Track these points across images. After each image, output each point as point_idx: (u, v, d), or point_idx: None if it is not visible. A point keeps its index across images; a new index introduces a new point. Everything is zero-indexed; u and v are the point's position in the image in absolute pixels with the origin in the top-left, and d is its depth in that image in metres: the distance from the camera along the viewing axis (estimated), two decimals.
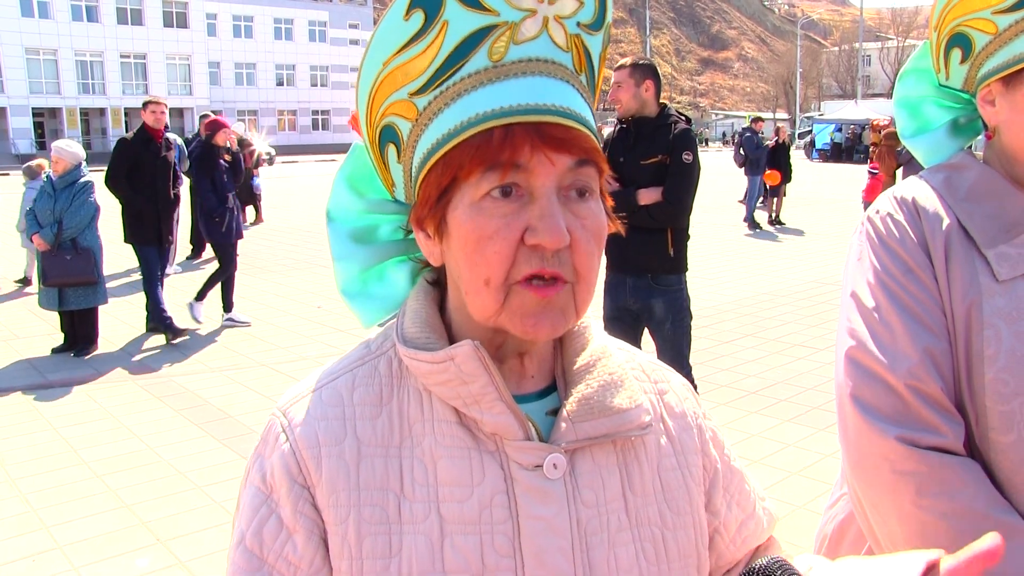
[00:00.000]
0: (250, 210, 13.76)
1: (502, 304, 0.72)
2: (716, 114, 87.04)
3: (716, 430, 0.93)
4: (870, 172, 11.66)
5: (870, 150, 13.42)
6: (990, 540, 0.67)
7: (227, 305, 7.59)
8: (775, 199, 14.67)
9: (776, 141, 14.42)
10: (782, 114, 72.40)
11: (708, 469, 0.89)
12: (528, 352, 0.81)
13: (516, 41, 0.71)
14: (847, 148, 37.54)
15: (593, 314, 0.84)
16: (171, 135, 7.68)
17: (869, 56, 75.89)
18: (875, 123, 12.96)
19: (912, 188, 1.19)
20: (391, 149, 0.79)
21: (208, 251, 10.45)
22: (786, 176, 14.36)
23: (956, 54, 1.18)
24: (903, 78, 1.31)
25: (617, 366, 0.82)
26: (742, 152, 14.32)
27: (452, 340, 0.79)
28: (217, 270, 7.46)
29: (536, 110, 0.70)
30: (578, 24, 0.74)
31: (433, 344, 0.77)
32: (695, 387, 4.33)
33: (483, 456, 0.76)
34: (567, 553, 0.75)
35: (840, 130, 38.49)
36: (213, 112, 10.48)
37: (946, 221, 1.12)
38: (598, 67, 0.79)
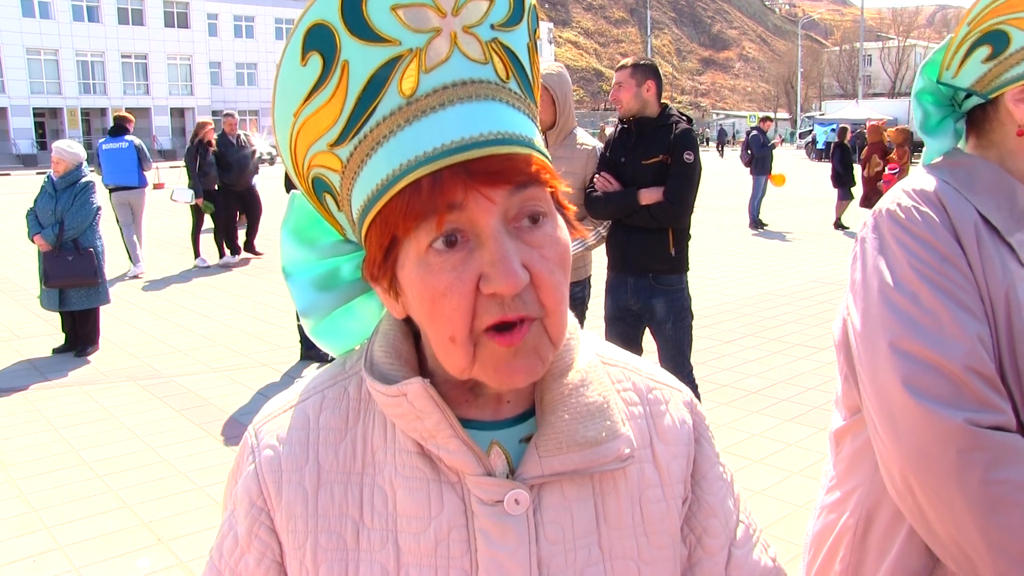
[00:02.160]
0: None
1: (472, 358, 0.67)
2: (717, 114, 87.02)
3: (712, 461, 0.86)
4: (889, 172, 11.64)
5: (865, 150, 13.39)
6: None
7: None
8: (845, 202, 13.93)
9: (836, 142, 13.78)
10: (783, 114, 72.40)
11: (685, 496, 0.83)
12: None
13: (426, 69, 0.64)
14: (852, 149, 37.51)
15: (592, 314, 0.82)
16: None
17: (870, 56, 75.88)
18: (872, 124, 12.99)
19: (925, 181, 1.21)
20: (329, 199, 0.74)
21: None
22: (850, 181, 13.64)
23: (982, 51, 1.19)
24: (922, 72, 1.33)
25: (598, 392, 0.76)
26: (749, 152, 14.28)
27: (424, 371, 0.77)
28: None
29: (460, 147, 0.63)
30: (492, 27, 0.67)
31: (395, 373, 0.74)
32: (696, 388, 4.30)
33: (443, 488, 0.73)
34: None
35: (834, 130, 38.50)
36: (214, 112, 11.19)
37: (970, 211, 1.15)
38: (528, 61, 0.71)
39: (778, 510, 3.71)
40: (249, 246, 11.28)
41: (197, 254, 10.71)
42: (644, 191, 3.67)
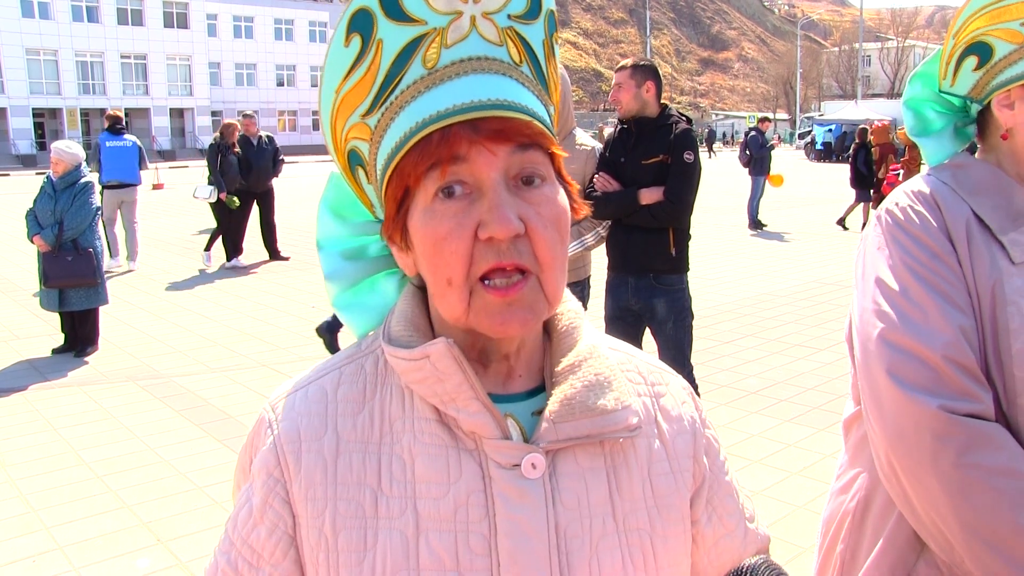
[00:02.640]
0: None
1: (467, 304, 0.73)
2: (716, 114, 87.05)
3: (713, 439, 0.92)
4: (892, 172, 11.58)
5: (868, 152, 13.34)
6: None
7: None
8: (864, 204, 13.64)
9: (858, 143, 13.45)
10: (782, 114, 72.43)
11: (696, 476, 0.88)
12: (513, 352, 0.81)
13: (447, 45, 0.73)
14: (847, 148, 37.55)
15: (592, 314, 0.84)
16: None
17: (869, 56, 75.92)
18: (878, 126, 12.94)
19: (925, 183, 1.29)
20: (360, 172, 0.81)
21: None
22: (873, 182, 13.30)
23: (970, 61, 1.28)
24: (912, 81, 1.41)
25: (605, 366, 0.81)
26: (747, 152, 14.27)
27: None
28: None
29: (469, 108, 0.71)
30: (509, 16, 0.74)
31: (414, 342, 0.78)
32: (696, 387, 4.30)
33: (461, 454, 0.76)
34: (543, 555, 0.74)
35: (831, 131, 38.57)
36: (213, 112, 11.28)
37: (963, 210, 1.22)
38: (544, 55, 0.79)
39: (777, 510, 3.71)
40: (274, 252, 11.09)
41: (230, 255, 10.60)
42: (644, 191, 3.67)
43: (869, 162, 13.44)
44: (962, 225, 1.21)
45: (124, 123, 10.41)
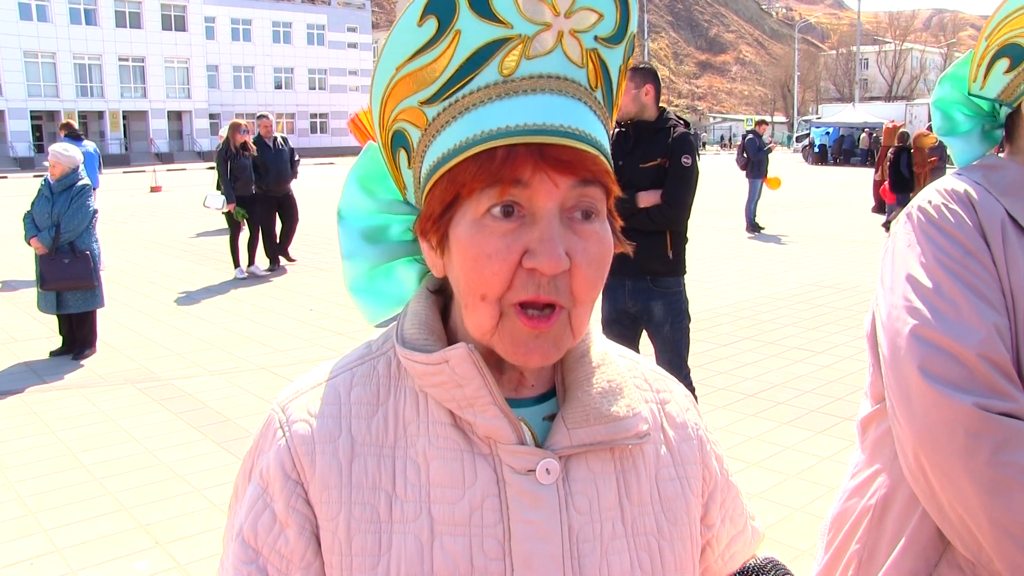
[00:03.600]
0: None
1: (497, 323, 0.72)
2: (714, 117, 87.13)
3: (715, 444, 0.93)
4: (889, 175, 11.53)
5: (882, 152, 13.27)
6: None
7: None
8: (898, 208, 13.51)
9: (899, 146, 13.22)
10: (780, 117, 72.52)
11: (708, 481, 0.89)
12: None
13: (528, 56, 0.70)
14: (845, 151, 37.61)
15: (593, 318, 0.84)
16: None
17: (867, 60, 76.00)
18: (888, 127, 12.92)
19: (957, 182, 1.28)
20: (402, 154, 0.78)
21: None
22: (911, 186, 12.92)
23: (1002, 64, 1.27)
24: (942, 82, 1.41)
25: (616, 374, 0.81)
26: (745, 155, 14.27)
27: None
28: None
29: (542, 131, 0.68)
30: (596, 38, 0.72)
31: (431, 346, 0.77)
32: (694, 390, 4.32)
33: (476, 459, 0.76)
34: (557, 559, 0.74)
35: (828, 134, 38.66)
36: (211, 115, 11.05)
37: (998, 210, 1.21)
38: (617, 81, 0.77)
39: (775, 513, 3.72)
40: (283, 251, 10.72)
41: (236, 264, 10.03)
42: (642, 194, 3.69)
43: (911, 164, 13.30)
44: (997, 224, 1.20)
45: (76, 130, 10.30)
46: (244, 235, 10.11)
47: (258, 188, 9.89)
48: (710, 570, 0.92)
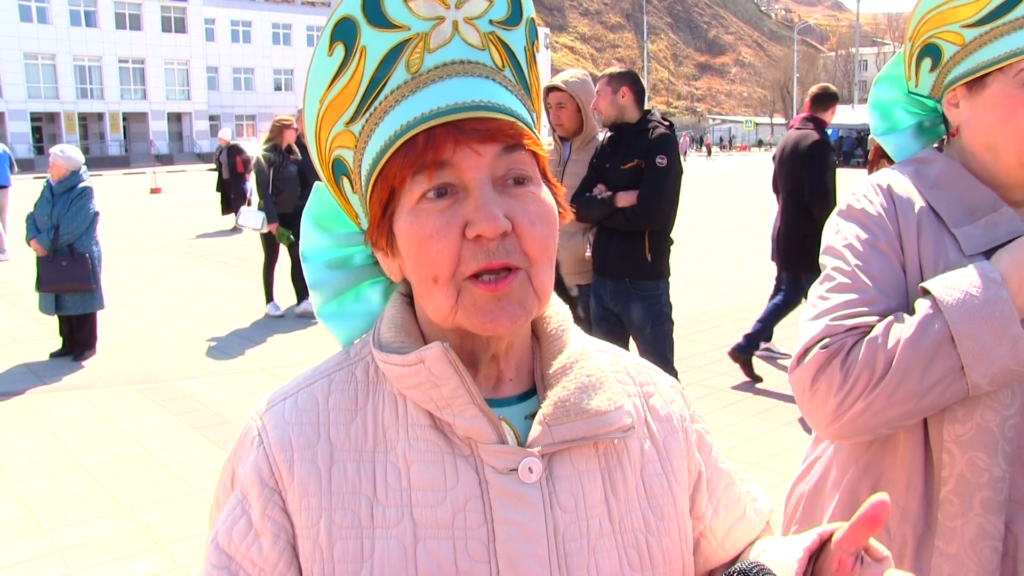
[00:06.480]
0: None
1: (455, 301, 0.73)
2: (713, 118, 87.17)
3: (704, 433, 0.92)
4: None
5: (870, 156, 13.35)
6: (874, 504, 0.68)
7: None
8: None
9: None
10: (779, 119, 72.58)
11: (692, 472, 0.88)
12: (501, 354, 0.80)
13: (430, 49, 0.73)
14: (844, 152, 37.63)
15: (576, 316, 0.84)
16: None
17: (866, 61, 76.13)
18: None
19: (887, 176, 1.34)
20: (345, 181, 0.81)
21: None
22: None
23: (927, 63, 1.33)
24: (878, 83, 1.46)
25: (596, 368, 0.81)
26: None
27: None
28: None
29: (454, 109, 0.72)
30: (491, 22, 0.75)
31: (406, 348, 0.77)
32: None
33: (457, 460, 0.75)
34: (543, 559, 0.74)
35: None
36: (211, 117, 10.61)
37: (918, 203, 1.27)
38: (526, 61, 0.80)
39: (774, 513, 3.72)
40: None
41: (270, 298, 7.95)
42: (621, 194, 3.74)
43: None
44: (913, 216, 1.25)
45: None
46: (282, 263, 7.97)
47: (303, 203, 8.43)
48: (709, 560, 0.91)
